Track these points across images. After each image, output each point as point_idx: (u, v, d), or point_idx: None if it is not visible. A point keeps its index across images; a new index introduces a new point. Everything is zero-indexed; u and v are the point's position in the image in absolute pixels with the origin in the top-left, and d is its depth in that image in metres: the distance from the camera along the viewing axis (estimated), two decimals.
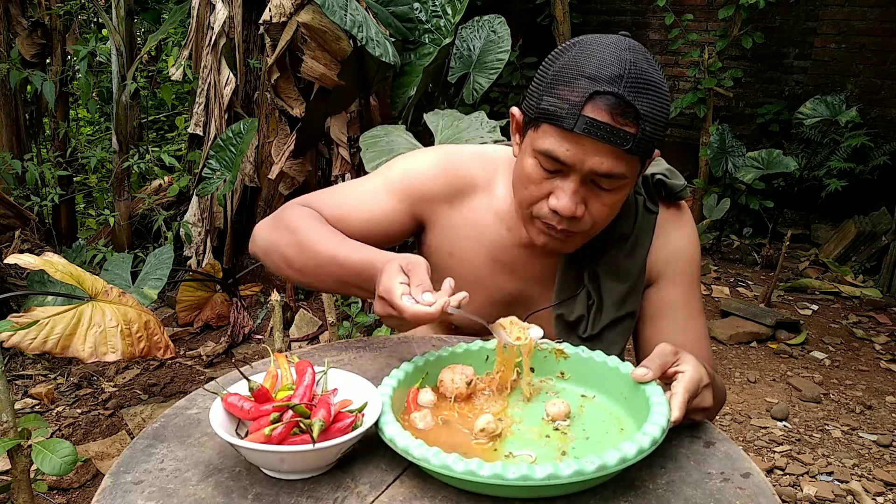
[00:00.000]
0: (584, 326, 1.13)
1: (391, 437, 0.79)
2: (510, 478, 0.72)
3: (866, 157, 4.17)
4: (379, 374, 0.93)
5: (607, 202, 0.99)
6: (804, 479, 2.31)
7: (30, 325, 1.61)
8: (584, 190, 0.98)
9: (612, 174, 0.95)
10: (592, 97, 0.91)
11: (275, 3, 2.77)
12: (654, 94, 0.94)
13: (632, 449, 0.75)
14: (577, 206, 0.98)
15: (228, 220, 3.30)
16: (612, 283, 1.12)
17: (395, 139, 2.48)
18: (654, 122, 0.94)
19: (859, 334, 3.37)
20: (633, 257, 1.12)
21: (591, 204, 0.99)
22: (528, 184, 1.01)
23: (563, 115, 0.93)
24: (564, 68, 0.95)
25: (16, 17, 3.41)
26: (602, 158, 0.94)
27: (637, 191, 1.13)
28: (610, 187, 0.98)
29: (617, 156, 0.94)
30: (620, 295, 1.12)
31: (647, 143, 0.94)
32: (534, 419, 0.92)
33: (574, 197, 0.97)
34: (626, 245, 1.11)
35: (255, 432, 0.79)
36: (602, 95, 0.91)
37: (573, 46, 0.97)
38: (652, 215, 1.14)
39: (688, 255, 1.15)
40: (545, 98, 0.96)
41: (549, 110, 0.95)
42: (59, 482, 2.15)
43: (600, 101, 0.91)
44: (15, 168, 3.25)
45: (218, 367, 2.88)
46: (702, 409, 0.90)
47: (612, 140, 0.92)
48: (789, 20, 4.68)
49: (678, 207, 1.17)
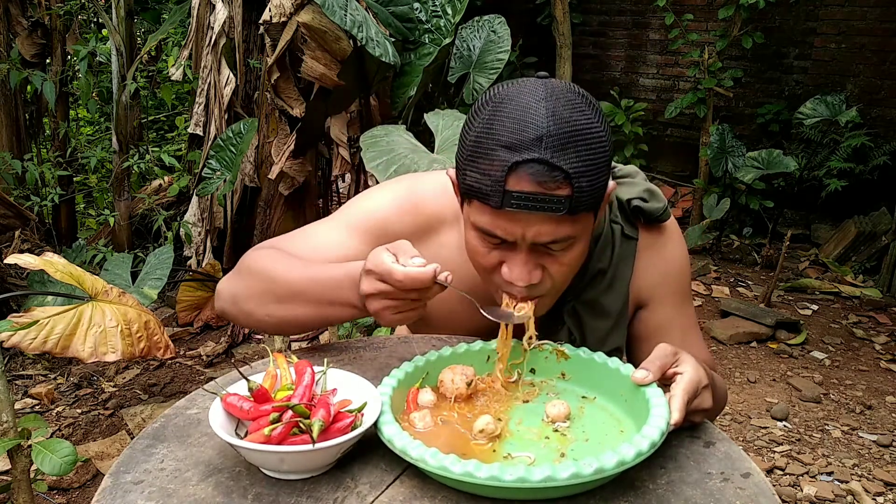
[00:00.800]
0: None
1: (389, 437, 0.79)
2: (507, 480, 0.72)
3: (866, 157, 4.17)
4: (379, 374, 0.93)
5: (565, 261, 0.92)
6: (804, 479, 2.31)
7: (30, 325, 1.61)
8: (536, 256, 0.91)
9: (557, 240, 0.88)
10: (513, 168, 0.83)
11: (275, 3, 2.77)
12: (583, 145, 0.85)
13: (630, 452, 0.75)
14: (530, 273, 0.91)
15: (228, 220, 3.30)
16: (592, 321, 1.08)
17: (395, 139, 2.48)
18: (590, 174, 0.85)
19: (859, 334, 3.37)
20: (612, 292, 1.07)
21: (548, 266, 0.92)
22: (477, 256, 0.95)
23: (489, 193, 0.86)
24: (480, 138, 0.87)
25: (16, 17, 3.41)
26: (540, 228, 0.87)
27: (613, 219, 1.07)
28: (561, 249, 0.91)
29: (556, 221, 0.86)
30: (603, 333, 1.08)
31: (586, 198, 0.86)
32: (533, 420, 0.92)
33: (526, 266, 0.90)
34: (605, 280, 1.07)
35: (255, 432, 0.79)
36: (523, 164, 0.83)
37: (486, 107, 0.89)
38: (632, 241, 1.08)
39: (675, 273, 1.12)
40: (468, 174, 0.89)
41: (475, 187, 0.88)
42: (59, 482, 2.15)
43: (523, 172, 0.83)
44: (15, 168, 3.25)
45: (218, 367, 2.88)
46: (702, 411, 0.89)
47: (544, 208, 0.84)
48: (789, 20, 4.69)
49: (660, 229, 1.11)
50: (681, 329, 1.13)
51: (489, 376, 1.01)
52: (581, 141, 0.85)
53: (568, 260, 0.92)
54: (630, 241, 1.08)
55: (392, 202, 1.09)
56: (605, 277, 1.07)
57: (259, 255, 1.05)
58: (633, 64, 5.45)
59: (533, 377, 1.02)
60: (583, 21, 5.44)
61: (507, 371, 1.03)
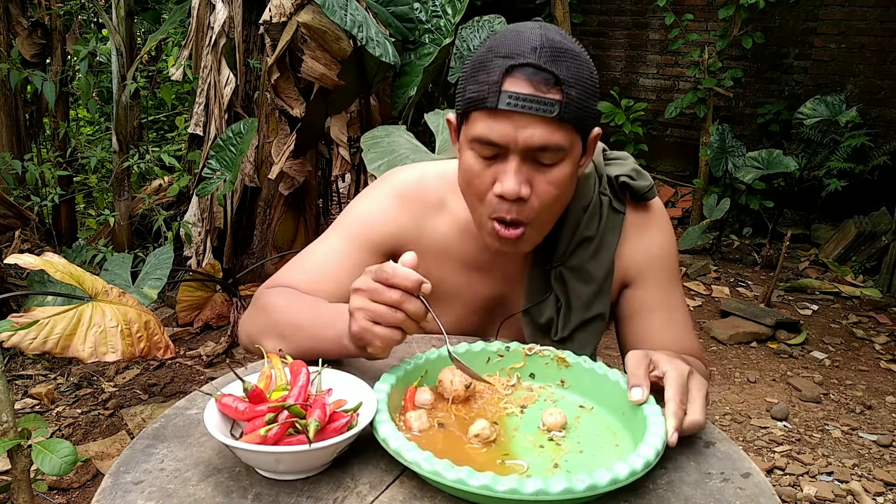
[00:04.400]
0: (555, 329, 1.12)
1: (384, 437, 0.79)
2: (499, 490, 0.72)
3: (866, 157, 4.17)
4: (378, 374, 0.93)
5: (552, 180, 0.96)
6: (804, 479, 2.31)
7: (30, 325, 1.61)
8: (527, 169, 0.95)
9: (548, 146, 0.93)
10: (510, 71, 0.91)
11: (275, 3, 2.77)
12: (572, 61, 0.93)
13: (624, 470, 0.75)
14: (520, 185, 0.94)
15: (228, 220, 3.31)
16: (578, 285, 1.11)
17: (396, 139, 2.48)
18: (580, 86, 0.92)
19: (859, 334, 3.37)
20: (597, 259, 1.10)
21: (536, 184, 0.96)
22: (472, 178, 0.99)
23: (486, 96, 0.92)
24: (481, 57, 0.96)
25: (16, 17, 3.41)
26: (532, 130, 0.92)
27: (602, 192, 1.12)
28: (550, 161, 0.95)
29: (547, 125, 0.92)
30: (587, 297, 1.11)
31: (575, 109, 0.92)
32: (530, 427, 0.92)
33: (517, 176, 0.94)
34: (591, 246, 1.10)
35: (251, 433, 0.79)
36: (519, 68, 0.91)
37: (488, 39, 0.98)
38: (619, 215, 1.12)
39: (662, 253, 1.14)
40: (468, 88, 0.96)
41: (473, 97, 0.95)
42: (59, 482, 2.15)
43: (518, 74, 0.91)
44: (15, 168, 3.25)
45: (218, 367, 2.88)
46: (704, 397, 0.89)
47: (537, 109, 0.90)
48: (789, 20, 4.69)
49: (647, 208, 1.15)
50: (666, 309, 1.14)
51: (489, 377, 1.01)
52: (571, 58, 0.93)
53: (555, 178, 0.96)
54: (617, 214, 1.12)
55: (384, 205, 1.12)
56: (591, 244, 1.10)
57: (268, 293, 1.08)
58: (633, 64, 5.45)
59: (532, 382, 1.02)
60: (583, 21, 5.44)
61: (507, 375, 1.03)
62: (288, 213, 3.43)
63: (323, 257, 1.12)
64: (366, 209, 1.14)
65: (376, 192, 1.15)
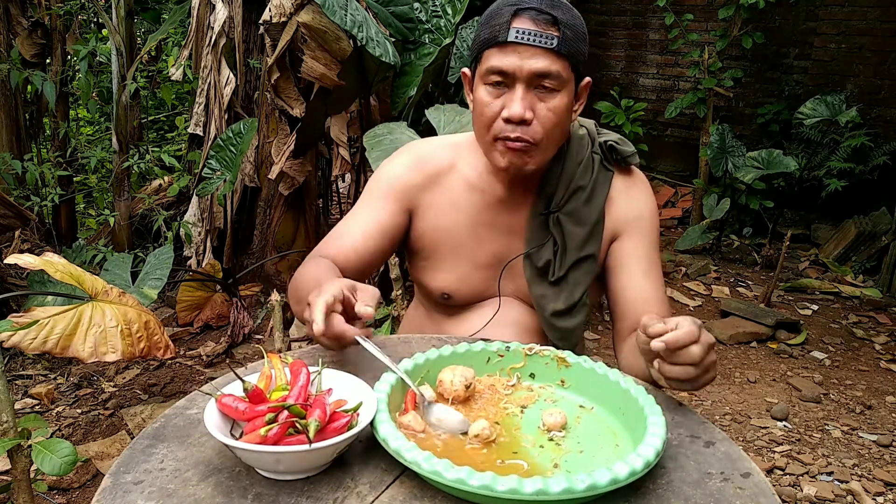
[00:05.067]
0: (552, 270, 1.25)
1: (384, 437, 0.79)
2: (499, 490, 0.72)
3: (866, 157, 4.17)
4: (378, 374, 0.93)
5: (551, 107, 1.12)
6: (804, 479, 2.31)
7: (30, 325, 1.61)
8: (530, 97, 1.12)
9: (549, 72, 1.10)
10: (517, 14, 1.10)
11: (275, 3, 2.77)
12: (569, 10, 1.12)
13: (624, 470, 0.75)
14: (525, 109, 1.11)
15: (228, 220, 3.30)
16: (573, 227, 1.24)
17: (398, 137, 2.48)
18: (574, 29, 1.11)
19: (859, 334, 3.37)
20: (590, 205, 1.25)
21: (538, 110, 1.12)
22: (483, 108, 1.15)
23: (498, 32, 1.11)
24: (492, 8, 1.15)
25: (16, 17, 3.41)
26: (536, 59, 1.10)
27: (594, 151, 1.28)
28: (550, 87, 1.11)
29: (548, 55, 1.10)
30: (581, 238, 1.24)
31: (570, 46, 1.11)
32: (530, 427, 0.92)
33: (522, 102, 1.11)
34: (584, 194, 1.25)
35: (251, 433, 0.79)
36: (524, 10, 1.10)
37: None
38: (608, 172, 1.28)
39: (647, 213, 1.28)
40: (482, 34, 1.14)
41: (486, 38, 1.13)
42: (59, 482, 2.15)
43: (524, 14, 1.10)
44: (15, 168, 3.24)
45: (218, 367, 2.88)
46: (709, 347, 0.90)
47: (539, 41, 1.09)
48: (789, 20, 4.68)
49: (631, 172, 1.31)
50: (647, 263, 1.26)
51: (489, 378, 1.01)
52: (567, 8, 1.13)
53: (553, 106, 1.13)
54: (606, 171, 1.28)
55: (404, 163, 1.30)
56: (584, 192, 1.25)
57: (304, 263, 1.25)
58: (633, 64, 5.45)
59: (532, 382, 1.02)
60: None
61: (507, 375, 1.03)
62: (288, 213, 3.43)
63: (358, 220, 1.28)
64: (388, 171, 1.31)
65: (398, 158, 1.33)
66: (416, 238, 1.30)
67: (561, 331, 1.25)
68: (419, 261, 1.33)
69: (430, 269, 1.31)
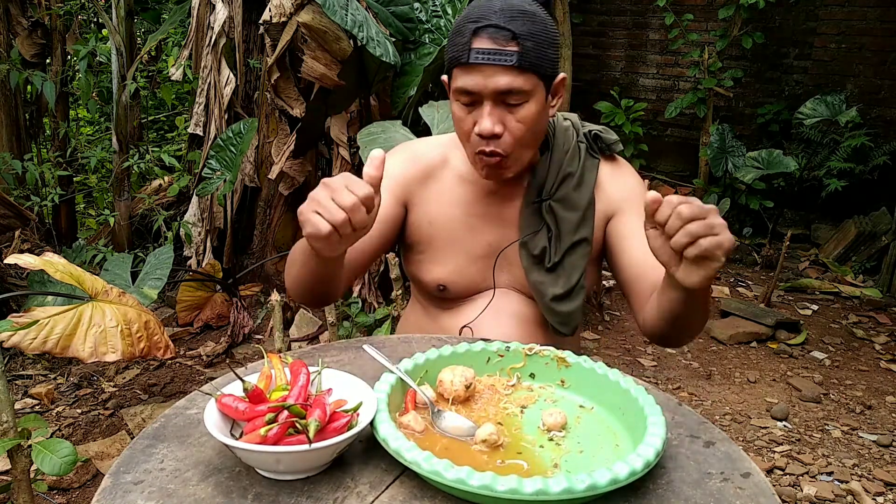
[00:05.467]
0: (548, 257, 1.28)
1: (384, 437, 0.79)
2: (499, 490, 0.72)
3: (866, 157, 4.17)
4: (378, 374, 0.93)
5: (520, 118, 1.15)
6: (804, 479, 2.31)
7: (30, 325, 1.61)
8: (498, 111, 1.15)
9: (512, 89, 1.12)
10: (476, 33, 1.12)
11: (275, 3, 2.77)
12: (530, 19, 1.12)
13: (624, 470, 0.75)
14: (494, 125, 1.14)
15: (228, 220, 3.30)
16: (565, 213, 1.28)
17: (392, 135, 2.48)
18: (534, 39, 1.11)
19: (859, 334, 3.37)
20: (580, 190, 1.29)
21: (507, 123, 1.15)
22: (458, 122, 1.19)
23: (461, 54, 1.13)
24: (456, 24, 1.17)
25: (16, 17, 3.41)
26: (498, 78, 1.11)
27: (579, 140, 1.32)
28: (516, 102, 1.14)
29: (508, 72, 1.11)
30: (574, 222, 1.27)
31: (532, 57, 1.11)
32: (530, 427, 0.92)
33: (490, 118, 1.14)
34: (574, 180, 1.29)
35: (251, 433, 0.79)
36: (483, 28, 1.11)
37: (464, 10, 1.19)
38: (594, 159, 1.32)
39: (636, 190, 1.32)
40: (449, 50, 1.17)
41: (452, 56, 1.16)
42: (59, 482, 2.15)
43: (483, 33, 1.11)
44: (15, 168, 3.24)
45: (218, 367, 2.88)
46: (702, 207, 0.89)
47: (499, 60, 1.10)
48: (789, 20, 4.68)
49: (616, 160, 1.36)
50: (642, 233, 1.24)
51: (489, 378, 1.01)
52: (527, 18, 1.12)
53: (522, 116, 1.15)
54: (593, 158, 1.32)
55: (399, 160, 1.34)
56: (573, 178, 1.29)
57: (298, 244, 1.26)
58: (633, 64, 5.45)
59: (532, 382, 1.02)
60: (583, 21, 5.44)
61: (507, 375, 1.03)
62: (288, 213, 3.43)
63: None
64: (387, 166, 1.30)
65: (393, 155, 1.36)
66: (412, 231, 1.33)
67: (561, 315, 1.26)
68: (415, 254, 1.35)
69: (425, 262, 1.33)
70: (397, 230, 1.33)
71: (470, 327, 1.30)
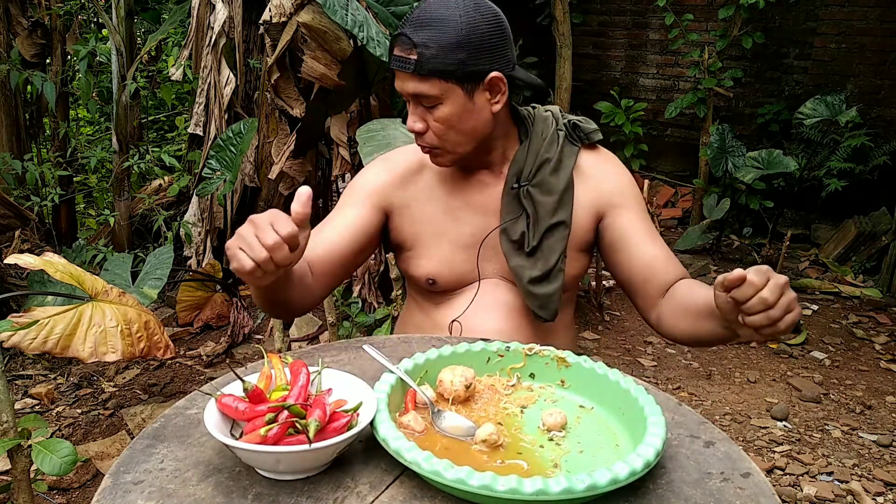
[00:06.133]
0: (527, 241, 1.29)
1: (384, 437, 0.79)
2: (499, 490, 0.72)
3: (866, 157, 4.16)
4: (378, 374, 0.93)
5: (437, 118, 1.21)
6: (804, 479, 2.31)
7: (30, 325, 1.61)
8: (420, 111, 1.22)
9: (418, 93, 1.19)
10: (393, 41, 1.20)
11: (275, 3, 2.77)
12: (437, 26, 1.16)
13: (624, 470, 0.75)
14: (414, 122, 1.23)
15: (228, 220, 3.30)
16: (542, 197, 1.29)
17: (391, 133, 2.47)
18: (438, 44, 1.16)
19: (859, 334, 3.37)
20: (557, 174, 1.30)
21: (428, 121, 1.22)
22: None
23: (389, 59, 1.22)
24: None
25: (16, 17, 3.41)
26: (404, 83, 1.20)
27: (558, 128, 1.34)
28: (430, 104, 1.20)
29: (412, 78, 1.18)
30: (551, 207, 1.29)
31: (431, 64, 1.16)
32: (530, 427, 0.92)
33: (412, 117, 1.23)
34: (551, 165, 1.30)
35: (251, 433, 0.79)
36: (397, 36, 1.19)
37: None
38: (573, 147, 1.34)
39: (624, 184, 1.35)
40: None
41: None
42: (59, 482, 2.15)
43: (396, 41, 1.20)
44: (15, 168, 3.24)
45: (218, 367, 2.88)
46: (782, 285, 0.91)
47: (401, 67, 1.18)
48: (789, 20, 4.68)
49: (598, 149, 1.38)
50: (644, 232, 1.31)
51: (489, 378, 1.01)
52: (435, 26, 1.16)
53: (438, 117, 1.21)
54: (572, 145, 1.34)
55: (376, 168, 1.39)
56: (550, 163, 1.31)
57: None
58: (633, 64, 5.45)
59: (532, 382, 1.02)
60: (583, 21, 5.44)
61: (507, 375, 1.03)
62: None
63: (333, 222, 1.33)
64: (360, 178, 1.39)
65: (369, 167, 1.42)
66: (397, 233, 1.37)
67: (539, 298, 1.28)
68: (404, 252, 1.38)
69: (414, 258, 1.36)
70: (375, 237, 1.35)
71: (459, 321, 1.31)
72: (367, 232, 1.32)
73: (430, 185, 1.36)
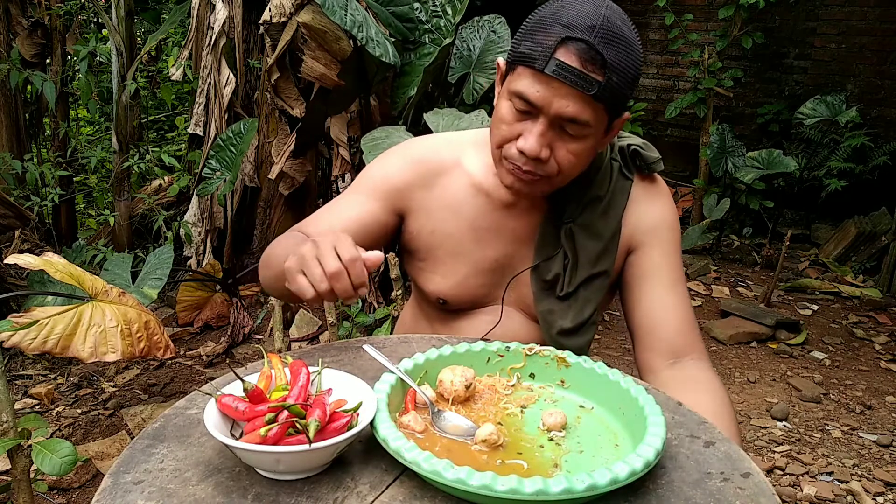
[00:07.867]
0: (561, 285, 1.16)
1: (384, 437, 0.79)
2: (499, 490, 0.71)
3: (866, 157, 4.17)
4: (378, 373, 0.93)
5: (572, 150, 1.03)
6: (804, 479, 2.31)
7: (30, 325, 1.61)
8: (551, 134, 1.02)
9: (577, 119, 0.99)
10: (564, 42, 0.96)
11: (275, 3, 2.77)
12: (624, 49, 0.98)
13: (624, 470, 0.75)
14: (542, 148, 1.02)
15: (228, 220, 3.30)
16: (586, 241, 1.16)
17: (396, 141, 2.48)
18: (622, 74, 0.98)
19: (859, 334, 3.37)
20: (607, 217, 1.16)
21: (556, 149, 1.03)
22: (501, 124, 1.05)
23: (537, 57, 0.98)
24: (544, 17, 1.00)
25: (16, 17, 3.41)
26: (568, 102, 0.98)
27: (613, 157, 1.18)
28: (575, 133, 1.02)
29: (582, 101, 0.98)
30: (595, 253, 1.15)
31: (612, 92, 0.98)
32: (530, 427, 0.92)
33: (540, 139, 1.01)
34: (601, 205, 1.16)
35: (251, 433, 0.79)
36: (574, 41, 0.96)
37: (556, 1, 1.02)
38: (627, 181, 1.18)
39: (667, 223, 1.20)
40: (523, 43, 1.01)
41: (525, 53, 1.00)
42: (59, 482, 2.15)
43: (571, 47, 0.96)
44: (15, 168, 3.25)
45: (218, 367, 2.88)
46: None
47: (578, 84, 0.96)
48: (789, 20, 4.69)
49: (653, 179, 1.22)
50: (669, 278, 1.17)
51: (489, 378, 1.01)
52: (623, 46, 0.98)
53: (575, 149, 1.03)
54: (625, 180, 1.18)
55: (398, 160, 1.21)
56: (601, 203, 1.16)
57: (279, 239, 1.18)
58: None
59: (532, 382, 1.02)
60: None
61: (507, 375, 1.03)
62: (288, 213, 3.43)
63: (340, 209, 1.20)
64: (378, 168, 1.23)
65: (390, 155, 1.24)
66: (411, 239, 1.23)
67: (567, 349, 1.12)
68: (415, 261, 1.25)
69: (426, 272, 1.23)
70: (383, 239, 1.22)
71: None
72: (373, 231, 1.18)
73: (460, 192, 1.18)
